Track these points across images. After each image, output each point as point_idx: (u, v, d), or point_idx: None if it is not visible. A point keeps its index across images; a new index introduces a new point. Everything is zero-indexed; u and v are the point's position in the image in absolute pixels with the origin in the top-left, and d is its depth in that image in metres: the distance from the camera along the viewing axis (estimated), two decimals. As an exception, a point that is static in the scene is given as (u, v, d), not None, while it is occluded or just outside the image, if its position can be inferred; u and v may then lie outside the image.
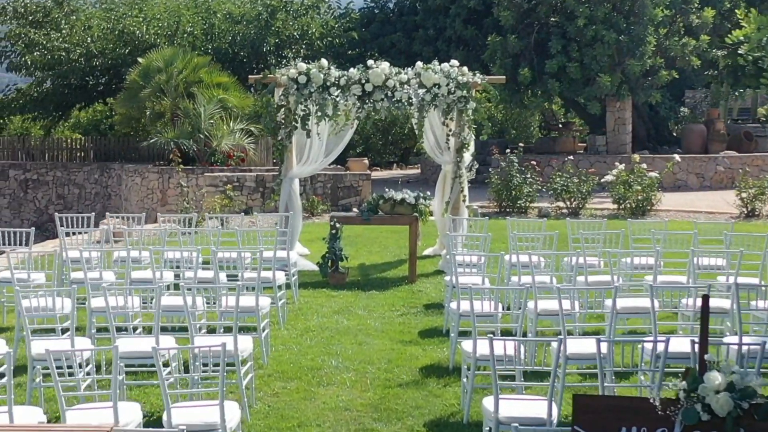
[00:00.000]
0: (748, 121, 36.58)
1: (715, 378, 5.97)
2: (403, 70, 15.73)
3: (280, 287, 12.20)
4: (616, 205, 23.31)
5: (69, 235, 14.64)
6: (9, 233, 13.43)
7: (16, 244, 13.51)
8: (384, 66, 15.47)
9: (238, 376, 8.46)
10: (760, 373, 7.13)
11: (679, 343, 8.56)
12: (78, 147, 34.52)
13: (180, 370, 8.72)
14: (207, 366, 8.18)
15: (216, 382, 7.40)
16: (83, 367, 8.42)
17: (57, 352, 7.10)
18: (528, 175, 23.31)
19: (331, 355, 10.62)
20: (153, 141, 27.90)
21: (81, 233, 14.33)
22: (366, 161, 27.88)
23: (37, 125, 38.22)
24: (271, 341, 10.97)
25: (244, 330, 10.91)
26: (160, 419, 7.55)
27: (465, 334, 10.43)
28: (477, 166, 16.57)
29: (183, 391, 8.18)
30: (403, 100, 15.44)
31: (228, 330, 9.79)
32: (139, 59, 29.86)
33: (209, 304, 10.78)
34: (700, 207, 24.31)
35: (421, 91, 15.42)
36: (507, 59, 28.82)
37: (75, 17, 33.61)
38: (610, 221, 21.49)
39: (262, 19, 33.70)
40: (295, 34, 33.84)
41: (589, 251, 12.82)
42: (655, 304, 9.51)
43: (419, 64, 15.75)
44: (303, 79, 15.47)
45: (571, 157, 25.42)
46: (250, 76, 16.74)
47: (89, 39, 32.64)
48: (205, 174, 24.08)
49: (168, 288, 11.67)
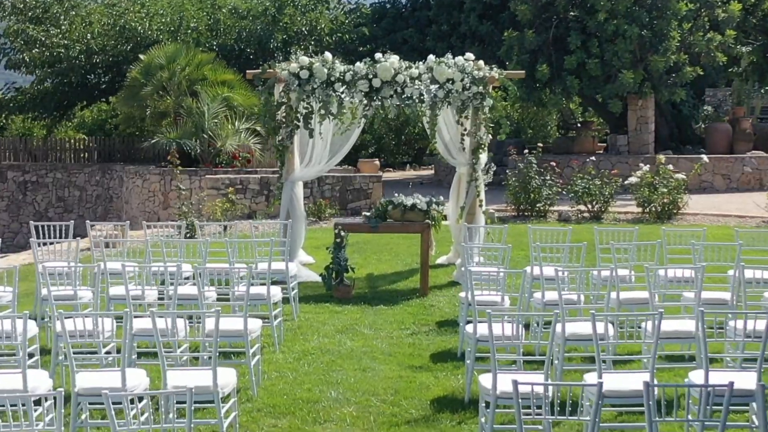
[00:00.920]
0: (773, 119, 35.24)
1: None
2: (414, 64, 14.49)
3: (276, 304, 10.97)
4: (640, 209, 22.01)
5: (43, 245, 13.38)
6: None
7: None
8: (393, 60, 14.25)
9: (219, 416, 7.22)
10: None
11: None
12: (82, 147, 33.42)
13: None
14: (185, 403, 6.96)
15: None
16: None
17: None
18: (547, 177, 22.04)
19: (330, 384, 9.37)
20: (154, 141, 26.77)
21: (56, 243, 13.02)
22: (377, 162, 26.68)
23: (38, 125, 37.10)
24: (264, 367, 9.74)
25: (234, 356, 9.70)
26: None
27: (483, 360, 9.24)
28: (494, 168, 15.32)
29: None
30: (413, 97, 14.21)
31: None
32: (141, 56, 28.71)
33: (193, 324, 9.58)
34: (729, 210, 23.00)
35: (433, 87, 14.19)
36: (524, 55, 27.55)
37: (75, 13, 32.45)
38: (643, 227, 20.25)
39: (269, 15, 32.50)
40: (303, 29, 32.64)
41: (620, 263, 11.59)
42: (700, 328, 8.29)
43: (431, 57, 14.52)
44: (305, 74, 14.25)
45: (592, 158, 24.12)
46: (247, 71, 15.54)
47: (89, 35, 31.50)
48: (207, 176, 22.88)
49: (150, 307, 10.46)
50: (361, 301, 13.23)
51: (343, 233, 13.49)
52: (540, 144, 24.22)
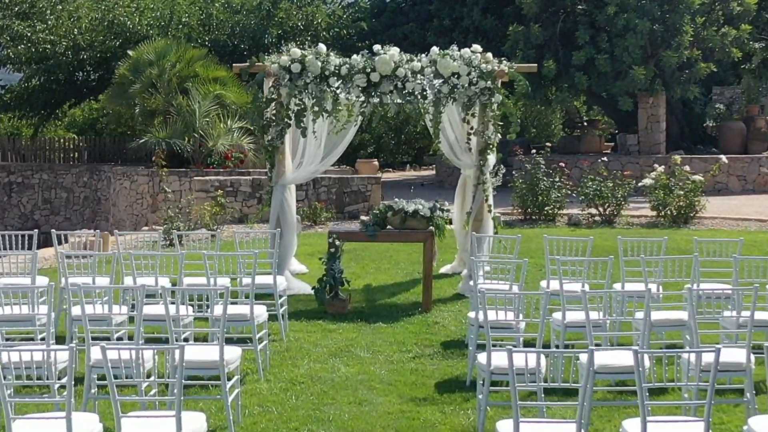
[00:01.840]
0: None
1: None
2: (416, 56, 13.25)
3: (261, 326, 9.73)
4: (654, 213, 20.79)
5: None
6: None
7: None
8: (393, 52, 13.01)
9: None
10: None
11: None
12: (71, 147, 32.13)
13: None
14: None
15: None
16: None
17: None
18: (556, 179, 20.80)
19: (321, 422, 8.10)
20: (143, 141, 25.51)
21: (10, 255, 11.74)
22: (376, 163, 25.43)
23: (25, 124, 35.82)
24: (245, 401, 8.49)
25: (211, 388, 8.46)
26: None
27: (496, 394, 8.02)
28: (503, 171, 14.09)
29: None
30: (415, 93, 12.97)
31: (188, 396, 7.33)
32: (129, 52, 27.44)
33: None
34: (748, 214, 21.76)
35: (437, 81, 12.95)
36: (530, 51, 26.30)
37: (62, 7, 31.16)
38: (658, 232, 19.10)
39: (263, 9, 31.21)
40: (299, 24, 31.35)
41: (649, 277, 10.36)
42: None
43: (435, 49, 13.27)
44: (297, 67, 13.02)
45: (604, 158, 22.86)
46: (234, 65, 14.33)
47: (76, 30, 30.20)
48: (195, 178, 21.62)
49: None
50: (357, 317, 11.98)
51: (337, 242, 12.26)
52: (548, 144, 22.93)
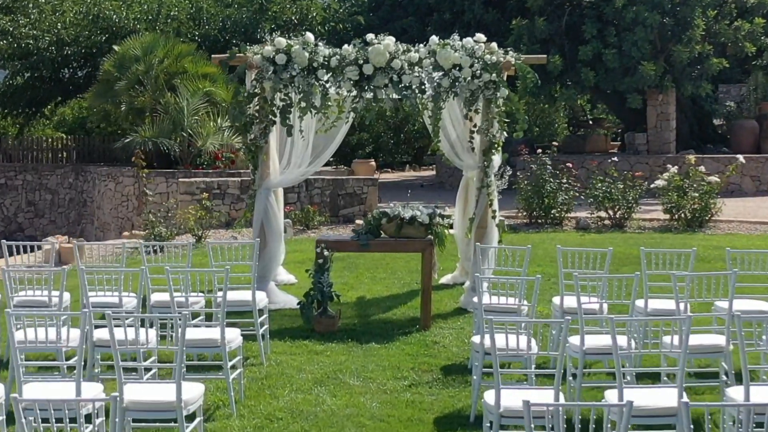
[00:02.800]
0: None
1: None
2: (414, 47, 12.03)
3: (234, 352, 8.50)
4: (667, 216, 19.57)
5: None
6: None
7: None
8: (388, 42, 11.78)
9: None
10: None
11: None
12: (59, 147, 30.83)
13: None
14: None
15: None
16: None
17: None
18: (563, 180, 19.58)
19: (299, 471, 6.90)
20: (128, 141, 24.31)
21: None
22: (373, 163, 24.27)
23: (9, 123, 34.53)
24: (212, 443, 7.29)
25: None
26: None
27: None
28: (509, 172, 12.89)
29: None
30: (413, 87, 11.75)
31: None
32: (115, 47, 26.21)
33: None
34: (765, 216, 20.54)
35: (436, 74, 11.73)
36: (534, 45, 25.05)
37: (45, 0, 29.90)
38: (672, 237, 17.89)
39: (256, 2, 29.95)
40: (293, 18, 30.09)
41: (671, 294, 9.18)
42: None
43: (434, 39, 12.05)
44: (282, 58, 11.79)
45: (614, 158, 21.62)
46: (214, 56, 13.13)
47: (60, 25, 28.94)
48: (180, 180, 20.39)
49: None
50: (348, 336, 10.76)
51: (326, 252, 11.03)
52: (555, 143, 21.70)
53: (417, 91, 11.79)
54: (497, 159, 12.29)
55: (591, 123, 34.87)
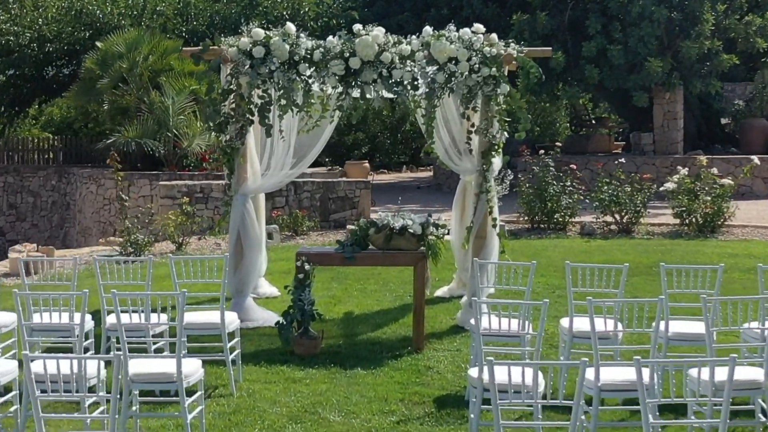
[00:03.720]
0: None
1: None
2: (406, 38, 10.91)
3: (194, 387, 7.36)
4: (677, 220, 18.47)
5: None
6: None
7: None
8: (377, 33, 10.66)
9: None
10: None
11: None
12: (45, 147, 29.65)
13: None
14: None
15: None
16: None
17: None
18: (567, 183, 18.47)
19: None
20: (110, 141, 23.22)
21: None
22: (367, 165, 23.15)
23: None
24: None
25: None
26: None
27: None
28: (511, 176, 11.78)
29: None
30: (404, 83, 10.64)
31: None
32: (98, 43, 25.08)
33: None
34: (780, 221, 19.47)
35: (431, 68, 10.61)
36: (536, 41, 23.88)
37: (26, -5, 28.84)
38: (683, 243, 16.78)
39: (246, -3, 28.90)
40: (284, 13, 28.93)
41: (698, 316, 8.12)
42: None
43: (428, 30, 10.91)
44: (260, 51, 10.67)
45: (622, 159, 20.51)
46: (184, 48, 12.04)
47: (41, 21, 27.80)
48: (160, 183, 19.26)
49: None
50: (331, 360, 9.63)
51: (307, 267, 9.90)
52: (558, 143, 20.58)
53: (409, 87, 10.67)
54: (497, 162, 11.16)
55: (594, 122, 33.78)
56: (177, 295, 7.13)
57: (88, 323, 8.65)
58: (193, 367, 7.16)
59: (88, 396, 6.21)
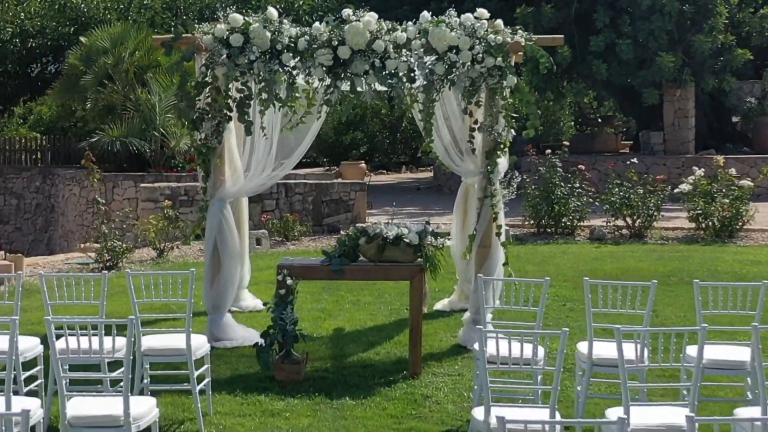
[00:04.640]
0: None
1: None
2: (401, 25, 9.78)
3: None
4: (693, 224, 17.35)
5: None
6: None
7: None
8: (368, 19, 9.53)
9: None
10: None
11: None
12: (34, 147, 28.44)
13: None
14: None
15: None
16: None
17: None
18: (575, 184, 17.35)
19: None
20: (94, 140, 22.13)
21: None
22: (363, 165, 22.03)
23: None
24: None
25: None
26: None
27: None
28: (518, 179, 10.65)
29: None
30: (400, 74, 9.50)
31: None
32: (82, 38, 23.97)
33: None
34: (800, 225, 18.31)
35: (429, 58, 9.48)
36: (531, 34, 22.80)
37: (7, -11, 27.74)
38: (700, 249, 15.65)
39: (238, -10, 27.74)
40: (278, 7, 27.73)
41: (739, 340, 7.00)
42: None
43: (426, 15, 9.80)
44: (238, 39, 9.53)
45: (634, 159, 19.37)
46: (155, 36, 10.95)
47: (23, 15, 26.67)
48: (141, 185, 18.15)
49: None
50: (316, 387, 8.50)
51: (290, 281, 8.77)
52: (565, 143, 19.44)
53: (405, 79, 9.54)
54: (503, 163, 10.02)
55: (600, 121, 32.66)
56: (128, 321, 5.99)
57: (34, 349, 7.51)
58: (144, 408, 6.03)
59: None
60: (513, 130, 9.91)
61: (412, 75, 9.56)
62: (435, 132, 10.16)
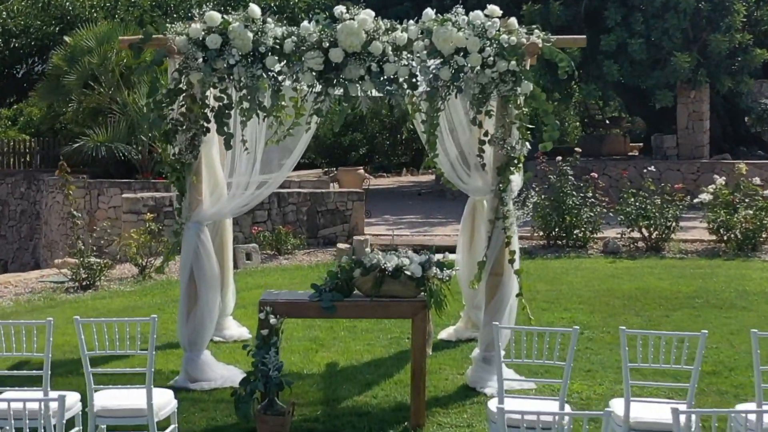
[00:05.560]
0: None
1: None
2: (402, 24, 8.61)
3: None
4: (714, 236, 16.21)
5: None
6: None
7: None
8: (364, 17, 8.36)
9: None
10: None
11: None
12: (22, 150, 27.18)
13: None
14: None
15: None
16: None
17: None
18: (588, 194, 16.23)
19: None
20: (77, 146, 21.01)
21: None
22: (362, 171, 20.92)
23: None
24: None
25: None
26: None
27: None
28: (534, 198, 9.50)
29: None
30: (400, 80, 8.34)
31: None
32: (66, 38, 22.82)
33: None
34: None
35: (433, 62, 8.32)
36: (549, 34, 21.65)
37: (-13, -13, 26.60)
38: (723, 264, 14.47)
39: (231, -14, 26.57)
40: (272, 5, 26.63)
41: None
42: None
43: (429, 13, 8.63)
44: (215, 41, 8.38)
45: (651, 167, 18.20)
46: (122, 38, 9.82)
47: (5, 14, 25.50)
48: (123, 195, 17.00)
49: None
50: (303, 444, 7.37)
51: (274, 320, 7.60)
52: (578, 149, 18.28)
53: (405, 85, 8.37)
54: (517, 180, 8.86)
55: (607, 122, 31.54)
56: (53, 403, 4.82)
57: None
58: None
59: None
60: (528, 143, 8.75)
61: (414, 81, 8.40)
62: (440, 145, 9.00)
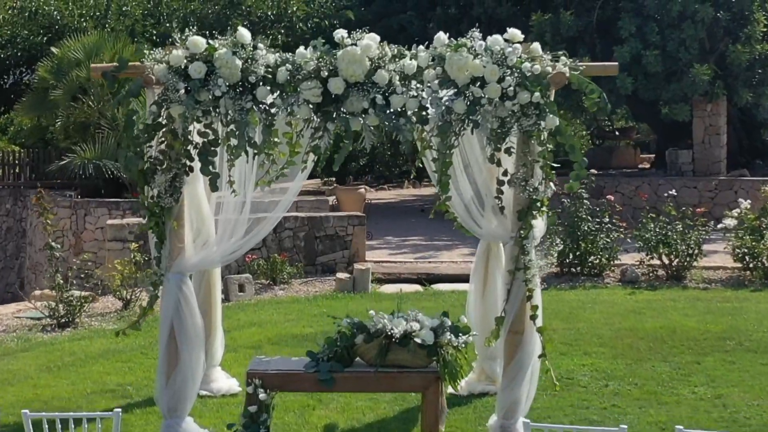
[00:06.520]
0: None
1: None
2: (410, 50, 7.58)
3: None
4: (738, 264, 15.23)
5: None
6: None
7: None
8: (368, 43, 7.33)
9: None
10: None
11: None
12: (11, 162, 26.08)
13: None
14: None
15: None
16: None
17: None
18: (605, 219, 15.23)
19: None
20: (64, 163, 20.06)
21: None
22: (362, 191, 19.88)
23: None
24: None
25: None
26: None
27: None
28: (559, 246, 8.48)
29: None
30: (408, 113, 7.31)
31: None
32: (53, 49, 21.86)
33: None
34: None
35: (446, 93, 7.29)
36: (559, 45, 20.63)
37: (-28, -4, 25.64)
38: (750, 296, 13.43)
39: (226, -5, 25.61)
40: (269, 14, 25.59)
41: None
42: None
43: (442, 37, 7.55)
44: (199, 69, 7.34)
45: (673, 191, 17.21)
46: (93, 65, 8.83)
47: (-10, 24, 24.64)
48: (108, 222, 15.99)
49: None
50: None
51: (262, 395, 6.58)
52: (594, 170, 17.27)
53: (415, 119, 7.34)
54: (540, 225, 7.84)
55: (617, 134, 30.62)
56: None
57: None
58: None
59: None
60: (553, 183, 7.73)
61: (424, 114, 7.36)
62: (453, 185, 7.95)
